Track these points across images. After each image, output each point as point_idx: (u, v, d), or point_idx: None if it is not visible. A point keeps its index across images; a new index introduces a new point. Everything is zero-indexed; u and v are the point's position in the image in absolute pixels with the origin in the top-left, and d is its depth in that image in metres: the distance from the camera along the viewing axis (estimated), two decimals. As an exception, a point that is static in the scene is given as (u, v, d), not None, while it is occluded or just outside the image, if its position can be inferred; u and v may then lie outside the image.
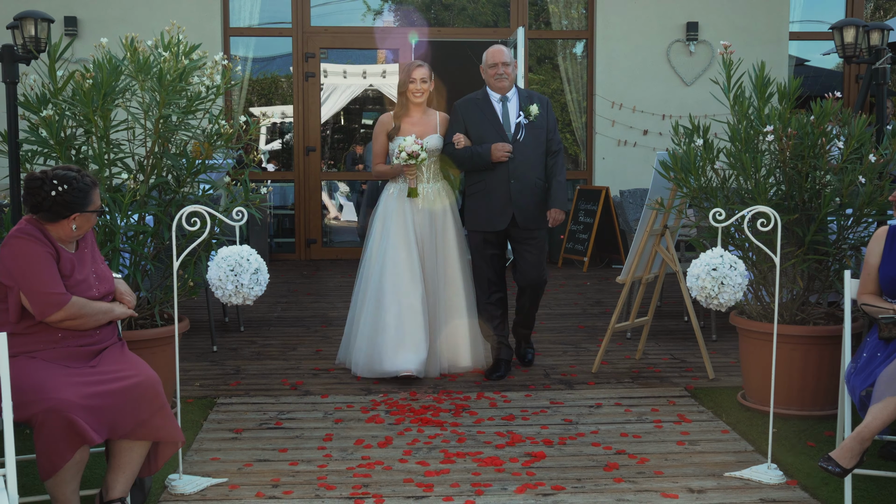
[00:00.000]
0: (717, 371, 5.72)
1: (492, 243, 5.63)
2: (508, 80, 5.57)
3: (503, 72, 5.54)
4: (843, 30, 5.53)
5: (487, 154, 5.46)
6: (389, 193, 5.68)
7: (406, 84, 5.60)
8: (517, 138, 5.53)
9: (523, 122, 5.53)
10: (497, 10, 11.35)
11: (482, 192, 5.57)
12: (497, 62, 5.56)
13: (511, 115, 5.58)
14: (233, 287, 3.84)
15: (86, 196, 3.50)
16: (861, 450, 3.46)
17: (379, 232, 5.62)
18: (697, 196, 5.09)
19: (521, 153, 5.51)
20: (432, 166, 5.65)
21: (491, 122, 5.55)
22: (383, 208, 5.66)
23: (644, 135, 10.37)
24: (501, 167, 5.49)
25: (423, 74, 5.60)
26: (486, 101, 5.61)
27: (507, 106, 5.60)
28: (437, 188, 5.67)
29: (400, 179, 5.65)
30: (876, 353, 3.73)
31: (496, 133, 5.53)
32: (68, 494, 3.27)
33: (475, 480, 3.99)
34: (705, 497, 3.83)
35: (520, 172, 5.51)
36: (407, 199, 5.59)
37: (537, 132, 5.57)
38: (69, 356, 3.43)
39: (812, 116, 4.74)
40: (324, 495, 3.84)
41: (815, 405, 4.82)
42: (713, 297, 3.97)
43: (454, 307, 5.64)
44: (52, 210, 3.45)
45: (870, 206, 4.76)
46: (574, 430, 4.67)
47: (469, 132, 5.59)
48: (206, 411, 4.96)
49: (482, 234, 5.61)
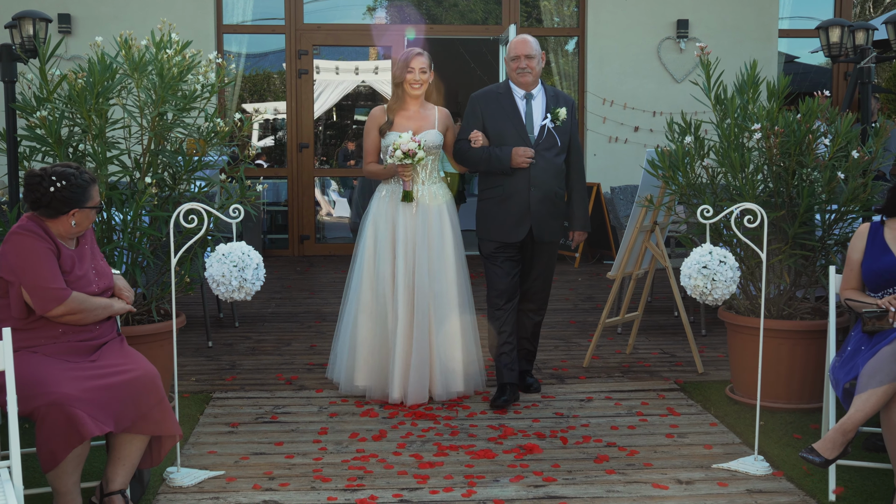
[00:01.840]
0: (706, 365, 5.80)
1: (506, 251, 5.07)
2: (532, 76, 4.96)
3: (526, 65, 4.94)
4: (829, 29, 5.63)
5: (507, 158, 4.89)
6: (381, 196, 5.09)
7: (403, 74, 5.01)
8: (540, 142, 4.97)
9: (549, 126, 4.96)
10: (488, 6, 11.41)
11: (498, 199, 5.01)
12: (519, 54, 4.96)
13: (535, 115, 5.00)
14: (237, 283, 3.91)
15: (84, 192, 3.56)
16: (844, 441, 3.55)
17: (369, 240, 5.05)
18: (686, 193, 5.17)
19: (543, 159, 4.95)
20: (429, 166, 5.03)
21: (512, 122, 4.97)
22: (374, 213, 5.08)
23: (635, 131, 10.45)
24: (521, 173, 4.93)
25: (423, 64, 5.02)
26: (509, 96, 5.02)
27: (532, 105, 5.00)
28: (434, 191, 5.05)
29: (392, 181, 5.06)
30: (860, 346, 3.81)
31: (517, 135, 4.95)
32: (69, 486, 3.33)
33: (468, 472, 4.07)
34: (693, 488, 3.92)
35: (541, 181, 4.96)
36: (400, 204, 4.99)
37: (562, 137, 5.01)
38: (70, 351, 3.49)
39: (799, 115, 4.83)
40: (319, 487, 3.91)
41: (802, 399, 4.91)
42: (707, 294, 4.06)
43: (448, 326, 5.01)
44: (51, 206, 3.51)
45: (854, 203, 4.85)
46: (565, 423, 4.75)
47: (486, 129, 5.01)
48: (202, 406, 5.02)
49: (495, 243, 5.07)
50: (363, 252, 5.06)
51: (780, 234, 4.97)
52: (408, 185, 4.95)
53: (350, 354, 5.09)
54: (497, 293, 5.05)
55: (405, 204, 4.98)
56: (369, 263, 5.03)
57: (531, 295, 5.21)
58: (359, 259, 5.09)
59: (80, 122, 4.81)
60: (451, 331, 5.02)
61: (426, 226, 4.99)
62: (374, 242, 5.03)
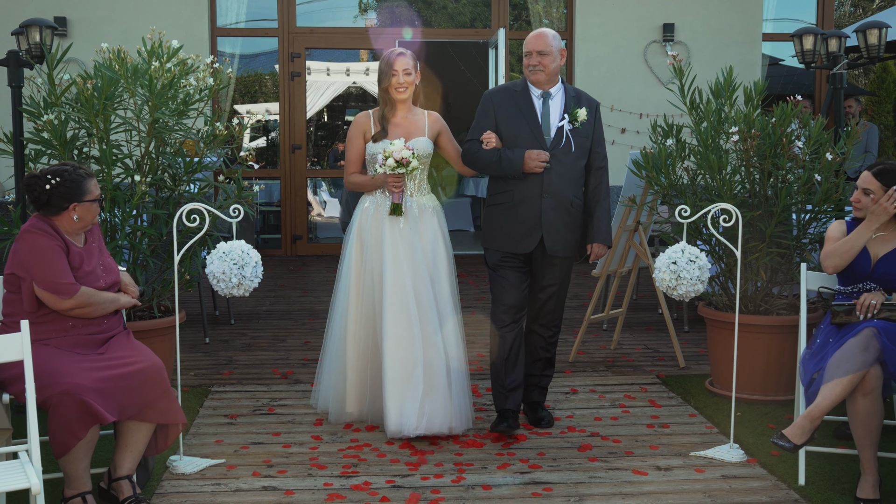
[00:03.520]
0: (687, 360, 6.01)
1: (513, 262, 4.64)
2: (545, 73, 4.57)
3: (538, 63, 4.56)
4: (803, 37, 5.85)
5: (519, 162, 4.48)
6: (364, 209, 4.67)
7: (388, 79, 4.63)
8: (556, 146, 4.57)
9: (567, 128, 4.57)
10: (478, 10, 11.60)
11: (507, 206, 4.60)
12: (531, 50, 4.58)
13: (552, 116, 4.60)
14: (237, 280, 4.10)
15: (79, 186, 3.72)
16: (811, 427, 3.76)
17: (354, 258, 4.66)
18: (668, 193, 5.37)
19: (559, 164, 4.54)
20: (418, 176, 4.64)
21: (528, 122, 4.57)
22: (358, 228, 4.67)
23: (622, 133, 10.64)
24: (534, 179, 4.52)
25: (406, 65, 4.62)
26: (525, 95, 4.62)
27: (549, 104, 4.61)
28: (423, 203, 4.66)
29: (378, 192, 4.65)
30: (829, 339, 4.02)
31: (532, 136, 4.55)
32: (80, 471, 3.52)
33: (458, 461, 4.26)
34: (672, 474, 4.12)
35: (555, 188, 4.54)
36: (387, 218, 4.58)
37: (581, 141, 4.60)
38: (79, 344, 3.68)
39: (773, 118, 5.04)
40: (316, 474, 4.10)
41: (778, 391, 5.12)
42: (672, 289, 4.28)
43: (436, 355, 4.53)
44: (51, 203, 3.69)
45: (827, 203, 5.06)
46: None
47: (499, 130, 4.61)
48: (201, 399, 5.20)
49: (502, 253, 4.66)
50: (347, 273, 4.68)
51: (757, 233, 5.18)
52: (397, 198, 4.54)
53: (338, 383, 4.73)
54: (504, 308, 4.61)
55: (392, 218, 4.58)
56: (354, 284, 4.64)
57: (542, 316, 4.74)
58: (344, 278, 4.70)
59: (86, 126, 4.99)
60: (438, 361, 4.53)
61: (416, 243, 4.59)
62: (359, 261, 4.65)
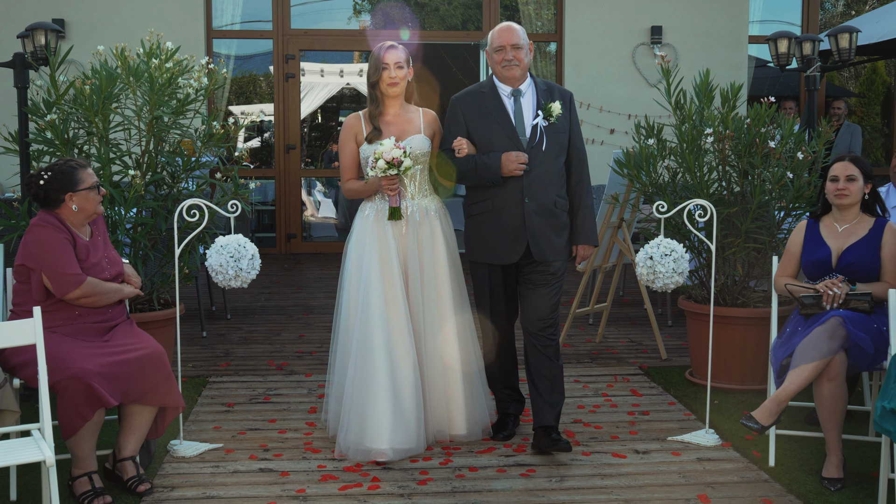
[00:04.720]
0: (669, 352, 6.22)
1: (501, 274, 4.43)
2: (521, 68, 4.31)
3: (513, 57, 4.28)
4: (777, 41, 6.07)
5: (497, 166, 4.22)
6: (364, 216, 4.40)
7: (378, 73, 4.35)
8: (534, 145, 4.31)
9: (542, 125, 4.30)
10: (469, 12, 11.78)
11: (488, 214, 4.34)
12: (504, 44, 4.29)
13: (526, 114, 4.33)
14: (233, 272, 4.30)
15: (71, 177, 3.90)
16: (778, 410, 3.97)
17: (355, 268, 4.38)
18: (649, 191, 5.58)
19: (538, 165, 4.28)
20: (418, 176, 4.39)
21: (500, 124, 4.31)
22: (358, 236, 4.40)
23: (611, 133, 10.85)
24: (514, 182, 4.26)
25: (398, 58, 4.35)
26: (494, 95, 4.35)
27: (521, 102, 4.34)
28: (425, 206, 4.41)
29: (377, 197, 4.39)
30: (797, 328, 4.23)
31: (507, 138, 4.29)
32: (87, 451, 3.72)
33: (446, 445, 4.46)
34: (649, 457, 4.33)
35: (536, 189, 4.28)
36: (388, 223, 4.33)
37: (558, 137, 4.34)
38: (85, 331, 3.87)
39: (748, 119, 5.26)
40: (310, 457, 4.31)
41: (754, 380, 5.33)
42: (651, 282, 4.49)
43: (447, 360, 4.41)
44: (48, 197, 3.89)
45: (800, 200, 5.28)
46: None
47: (472, 136, 4.35)
48: (199, 388, 5.40)
49: (488, 266, 4.43)
50: (352, 281, 4.40)
51: (732, 228, 5.39)
52: (394, 201, 4.26)
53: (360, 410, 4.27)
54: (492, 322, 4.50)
55: (393, 223, 4.34)
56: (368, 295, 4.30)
57: (537, 326, 4.39)
58: (348, 291, 4.42)
59: (85, 125, 5.19)
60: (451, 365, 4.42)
61: (419, 247, 4.37)
62: (364, 269, 4.34)
